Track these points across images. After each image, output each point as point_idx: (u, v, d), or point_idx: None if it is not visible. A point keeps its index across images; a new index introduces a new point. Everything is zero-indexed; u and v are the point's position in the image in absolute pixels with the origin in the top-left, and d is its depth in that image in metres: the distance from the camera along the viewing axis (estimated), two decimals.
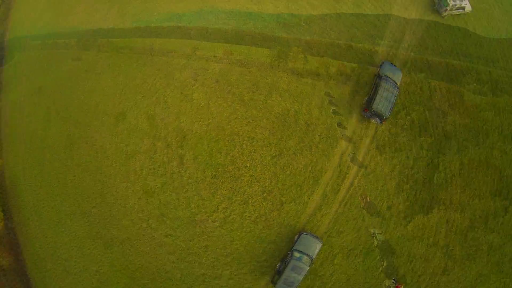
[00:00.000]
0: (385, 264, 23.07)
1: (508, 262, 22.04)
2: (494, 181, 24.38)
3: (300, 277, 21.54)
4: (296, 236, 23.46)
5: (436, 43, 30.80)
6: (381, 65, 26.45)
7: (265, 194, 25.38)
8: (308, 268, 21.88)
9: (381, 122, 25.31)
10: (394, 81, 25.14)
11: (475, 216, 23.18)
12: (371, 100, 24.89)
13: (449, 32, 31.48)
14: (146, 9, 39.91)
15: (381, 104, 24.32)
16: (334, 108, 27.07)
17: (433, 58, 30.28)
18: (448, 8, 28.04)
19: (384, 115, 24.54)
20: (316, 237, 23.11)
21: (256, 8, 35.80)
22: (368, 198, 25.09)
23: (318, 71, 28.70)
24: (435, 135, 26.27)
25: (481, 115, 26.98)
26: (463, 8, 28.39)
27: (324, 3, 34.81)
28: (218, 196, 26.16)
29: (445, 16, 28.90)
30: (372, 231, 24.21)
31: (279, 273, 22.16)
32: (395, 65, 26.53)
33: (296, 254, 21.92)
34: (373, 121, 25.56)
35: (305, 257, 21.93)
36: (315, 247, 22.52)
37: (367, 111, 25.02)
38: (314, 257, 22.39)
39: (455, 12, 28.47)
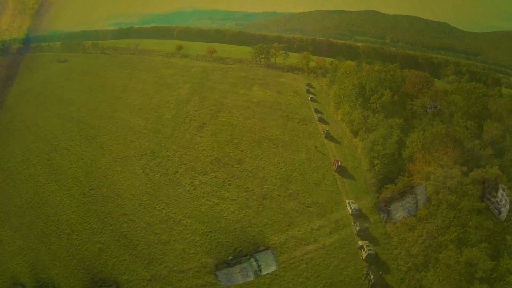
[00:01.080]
0: (358, 227, 24.67)
1: (464, 215, 24.30)
2: (456, 152, 26.99)
3: (241, 281, 21.53)
4: (263, 247, 23.80)
5: (420, 39, 34.51)
6: (417, 185, 28.97)
7: (243, 206, 26.38)
8: (252, 279, 21.88)
9: (385, 221, 27.63)
10: (417, 205, 27.78)
11: (438, 182, 25.63)
12: (394, 200, 26.97)
13: (432, 25, 34.98)
14: (128, 11, 42.53)
15: (399, 209, 26.96)
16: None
17: (415, 53, 33.77)
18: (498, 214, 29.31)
19: (393, 218, 27.09)
20: (277, 261, 23.15)
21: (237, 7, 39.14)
22: (340, 163, 27.39)
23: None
24: (404, 116, 29.00)
25: (448, 98, 30.15)
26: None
27: (305, 1, 39.10)
28: (208, 178, 26.84)
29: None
30: (347, 201, 25.95)
31: (227, 264, 22.32)
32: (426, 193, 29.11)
33: (253, 261, 22.12)
34: (381, 214, 27.75)
35: (256, 268, 22.21)
36: (270, 268, 22.60)
37: (386, 204, 27.16)
38: (262, 274, 22.40)
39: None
